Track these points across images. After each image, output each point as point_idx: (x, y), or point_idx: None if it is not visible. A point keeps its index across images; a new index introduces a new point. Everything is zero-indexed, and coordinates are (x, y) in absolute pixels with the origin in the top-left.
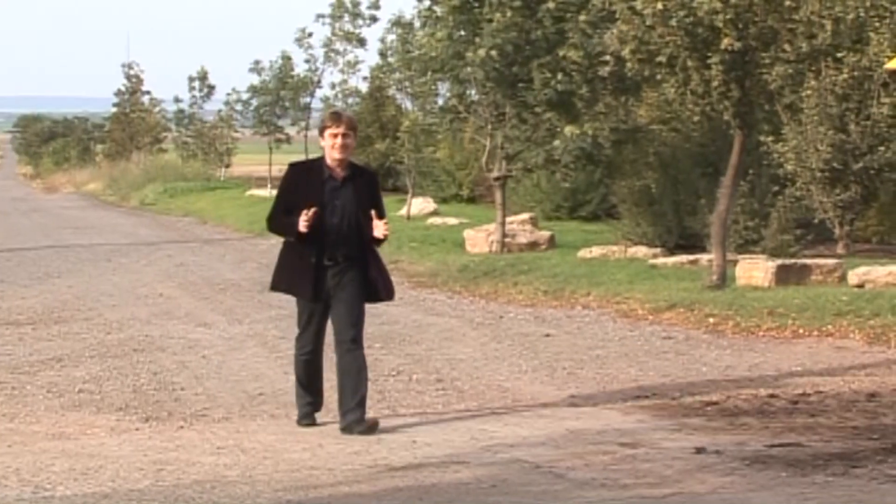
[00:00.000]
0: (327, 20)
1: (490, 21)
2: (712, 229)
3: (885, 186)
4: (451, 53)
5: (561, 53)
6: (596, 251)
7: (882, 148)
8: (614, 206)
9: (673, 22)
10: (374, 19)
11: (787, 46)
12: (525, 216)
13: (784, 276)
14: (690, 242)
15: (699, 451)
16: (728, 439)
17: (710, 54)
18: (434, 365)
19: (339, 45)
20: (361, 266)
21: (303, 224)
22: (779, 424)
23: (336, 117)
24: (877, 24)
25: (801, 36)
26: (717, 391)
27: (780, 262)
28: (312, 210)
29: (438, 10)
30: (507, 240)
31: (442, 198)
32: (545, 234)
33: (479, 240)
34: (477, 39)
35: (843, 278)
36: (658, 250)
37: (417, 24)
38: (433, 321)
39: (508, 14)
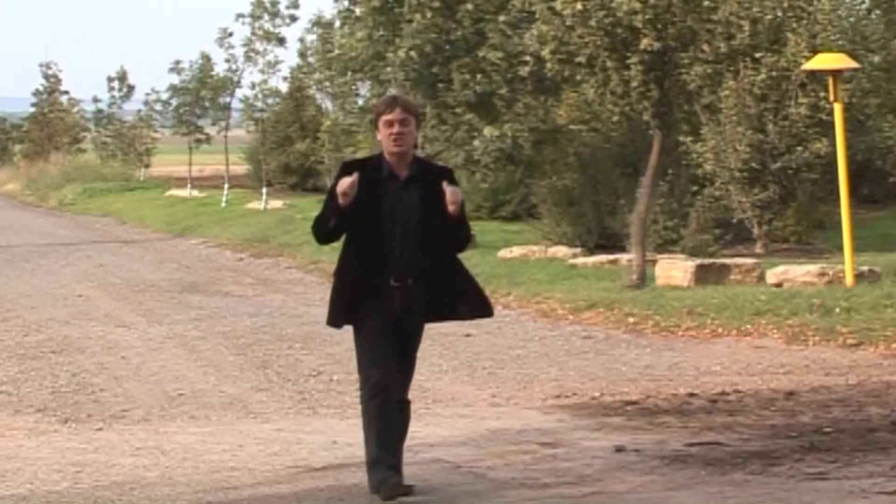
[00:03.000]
0: (247, 20)
1: (410, 22)
2: (632, 229)
3: (802, 186)
4: (371, 54)
5: (481, 54)
6: (516, 251)
7: (800, 148)
8: (534, 207)
9: (592, 22)
10: (293, 19)
11: (705, 47)
12: None
13: (703, 275)
14: (610, 242)
15: (619, 450)
16: (648, 438)
17: (629, 55)
18: (354, 365)
19: (258, 45)
20: (436, 288)
21: (343, 189)
22: (698, 423)
23: (391, 101)
24: (794, 25)
25: (720, 36)
26: (637, 390)
27: (699, 261)
28: (353, 176)
29: (358, 10)
30: None
31: None
32: None
33: None
34: (397, 40)
35: (761, 278)
36: (578, 250)
37: (337, 24)
38: None
39: (428, 15)
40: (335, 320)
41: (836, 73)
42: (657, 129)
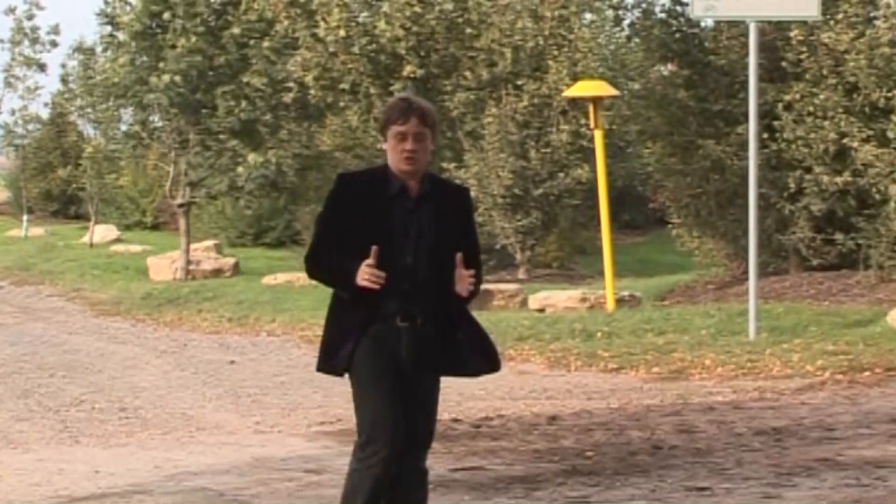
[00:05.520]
0: (6, 45)
1: (173, 47)
2: None
3: (564, 212)
4: (133, 79)
5: (245, 80)
6: (281, 278)
7: (561, 174)
8: (298, 233)
9: (355, 49)
10: (54, 45)
11: (468, 74)
12: (209, 243)
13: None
14: None
15: None
16: None
17: (392, 81)
18: (117, 394)
19: (18, 71)
20: (450, 330)
21: (368, 280)
22: (462, 448)
23: (405, 108)
24: (555, 53)
25: (482, 64)
26: None
27: None
28: (373, 250)
29: (121, 35)
30: (191, 267)
31: (125, 225)
32: (230, 260)
33: (163, 267)
34: (160, 65)
35: (524, 303)
36: None
37: (99, 49)
38: (116, 349)
39: (192, 40)
40: (327, 366)
41: (596, 100)
42: None
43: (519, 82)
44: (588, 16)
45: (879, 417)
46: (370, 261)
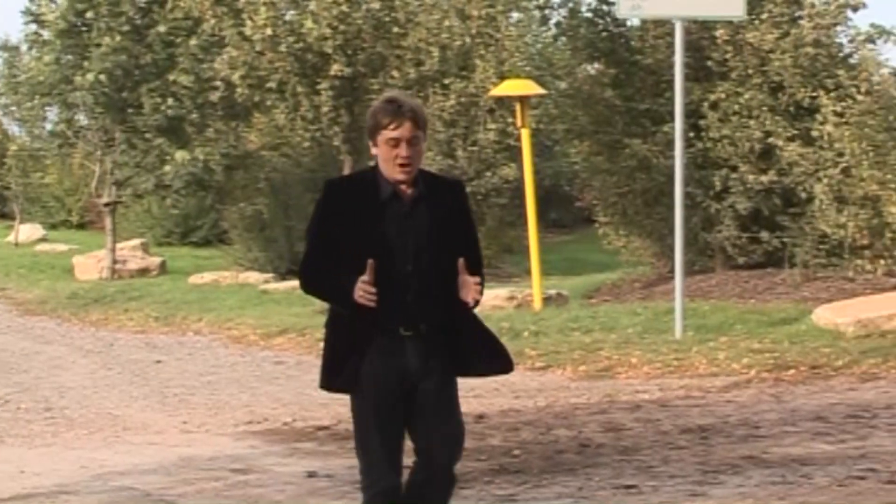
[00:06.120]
0: None
1: (99, 45)
2: None
3: (491, 211)
4: (59, 77)
5: (171, 78)
6: (207, 277)
7: (489, 173)
8: (226, 232)
9: (282, 48)
10: None
11: (395, 73)
12: (136, 242)
13: None
14: None
15: (311, 475)
16: (339, 463)
17: (319, 80)
18: (43, 393)
19: None
20: (451, 337)
21: (364, 298)
22: None
23: (396, 110)
24: (482, 52)
25: (410, 62)
26: (329, 416)
27: None
28: (369, 264)
29: (46, 33)
30: (117, 266)
31: (51, 224)
32: (156, 259)
33: (89, 266)
34: (86, 63)
35: None
36: (269, 276)
37: (24, 48)
38: (42, 349)
39: (117, 38)
40: (329, 383)
41: (523, 99)
42: (347, 153)
43: (446, 81)
44: (515, 15)
45: (804, 415)
46: (366, 277)
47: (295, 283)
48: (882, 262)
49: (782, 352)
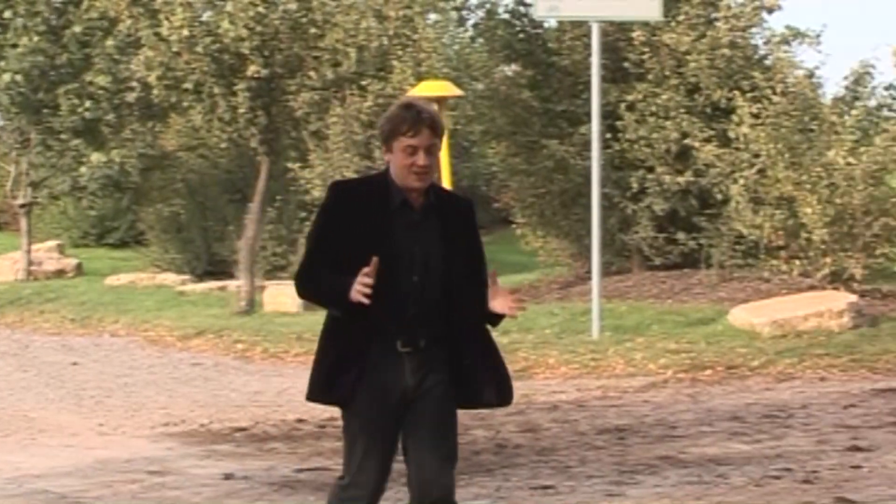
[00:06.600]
0: None
1: (14, 46)
2: (240, 255)
3: None
4: None
5: (88, 79)
6: (124, 278)
7: None
8: (142, 233)
9: (199, 48)
10: None
11: (312, 74)
12: (52, 243)
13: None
14: (219, 269)
15: (228, 477)
16: (257, 465)
17: (236, 81)
18: None
19: None
20: (457, 355)
21: (359, 291)
22: (307, 449)
23: (415, 118)
24: (400, 53)
25: (327, 64)
26: (246, 417)
27: None
28: (373, 261)
29: None
30: (32, 268)
31: None
32: (72, 261)
33: (4, 268)
34: (1, 63)
35: None
36: (187, 277)
37: None
38: None
39: (34, 39)
40: (322, 396)
41: (440, 101)
42: (265, 155)
43: (363, 82)
44: (432, 16)
45: (720, 415)
46: (367, 269)
47: (213, 283)
48: (797, 262)
49: (699, 352)
